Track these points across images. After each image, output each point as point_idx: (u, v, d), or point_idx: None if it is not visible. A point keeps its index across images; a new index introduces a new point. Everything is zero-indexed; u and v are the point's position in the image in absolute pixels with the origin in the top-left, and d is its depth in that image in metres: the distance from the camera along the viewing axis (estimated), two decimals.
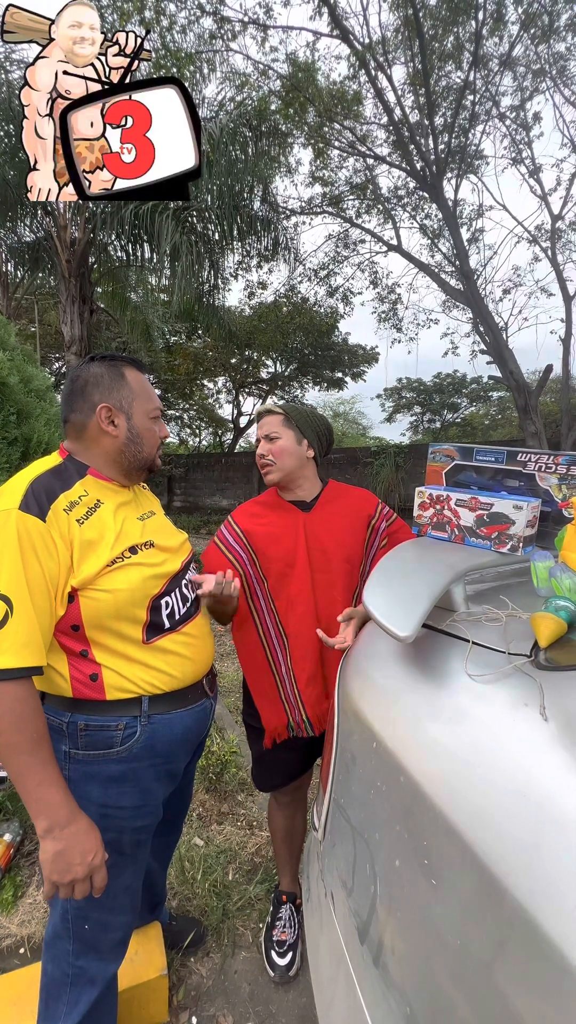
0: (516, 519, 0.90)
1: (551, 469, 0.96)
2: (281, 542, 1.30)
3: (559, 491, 0.95)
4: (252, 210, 6.43)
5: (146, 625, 0.96)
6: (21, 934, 1.49)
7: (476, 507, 0.96)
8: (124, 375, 1.03)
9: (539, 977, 0.42)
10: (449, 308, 9.74)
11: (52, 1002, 0.99)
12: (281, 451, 1.30)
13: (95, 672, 0.92)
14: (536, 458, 0.99)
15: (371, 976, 0.67)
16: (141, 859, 1.02)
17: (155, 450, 1.07)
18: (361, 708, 0.82)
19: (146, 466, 1.06)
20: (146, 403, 1.04)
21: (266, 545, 1.30)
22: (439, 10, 6.59)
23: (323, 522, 1.32)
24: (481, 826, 0.51)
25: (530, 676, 0.60)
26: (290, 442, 1.30)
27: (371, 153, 8.12)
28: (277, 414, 1.33)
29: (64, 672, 0.92)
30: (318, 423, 1.36)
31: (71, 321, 6.37)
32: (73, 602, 0.90)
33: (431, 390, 17.04)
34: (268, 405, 1.36)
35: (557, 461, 0.96)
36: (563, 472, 0.95)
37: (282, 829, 1.48)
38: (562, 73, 7.18)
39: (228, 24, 7.17)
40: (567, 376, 8.03)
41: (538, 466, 0.98)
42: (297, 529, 1.31)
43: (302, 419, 1.33)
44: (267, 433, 1.31)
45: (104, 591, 0.91)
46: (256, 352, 13.52)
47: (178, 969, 1.41)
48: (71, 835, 0.81)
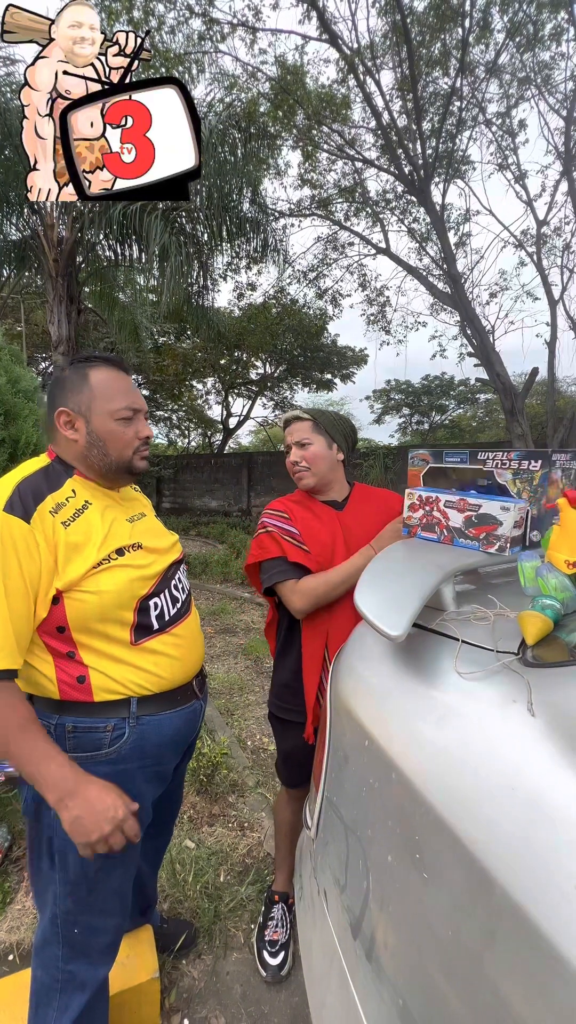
0: (503, 520, 0.92)
1: (505, 465, 1.00)
2: (319, 536, 1.30)
3: (514, 486, 0.99)
4: (241, 211, 6.42)
5: (134, 626, 0.96)
6: (9, 940, 1.47)
7: (464, 508, 0.97)
8: (88, 377, 0.99)
9: (529, 967, 0.43)
10: (437, 311, 9.85)
11: (42, 1008, 0.98)
12: (315, 457, 1.32)
13: (82, 674, 0.92)
14: (493, 456, 1.03)
15: (364, 971, 0.67)
16: (131, 862, 1.02)
17: (128, 452, 1.01)
18: (353, 707, 0.83)
19: (122, 469, 1.02)
20: (108, 404, 0.98)
21: (307, 538, 1.30)
22: (427, 16, 6.67)
23: (358, 519, 1.34)
24: (471, 820, 0.52)
25: (518, 673, 0.62)
26: (322, 447, 1.33)
27: (359, 156, 8.18)
28: (306, 420, 1.34)
29: (51, 675, 0.92)
30: (344, 425, 1.38)
31: (58, 321, 6.30)
32: (58, 604, 0.89)
33: (419, 392, 17.20)
34: (296, 412, 1.37)
35: (510, 457, 1.00)
36: (516, 467, 0.99)
37: (288, 824, 1.48)
38: (546, 81, 7.30)
39: (217, 26, 7.17)
40: (552, 379, 8.16)
41: (495, 463, 1.02)
42: (334, 524, 1.32)
43: (330, 423, 1.35)
44: (299, 440, 1.33)
45: (89, 592, 0.90)
46: (245, 353, 13.51)
47: (170, 972, 1.40)
48: (82, 801, 0.83)
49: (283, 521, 1.32)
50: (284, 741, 1.40)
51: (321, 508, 1.36)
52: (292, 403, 16.15)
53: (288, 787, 1.46)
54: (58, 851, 0.93)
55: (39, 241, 6.08)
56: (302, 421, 1.34)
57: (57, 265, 6.11)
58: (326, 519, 1.34)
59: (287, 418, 1.38)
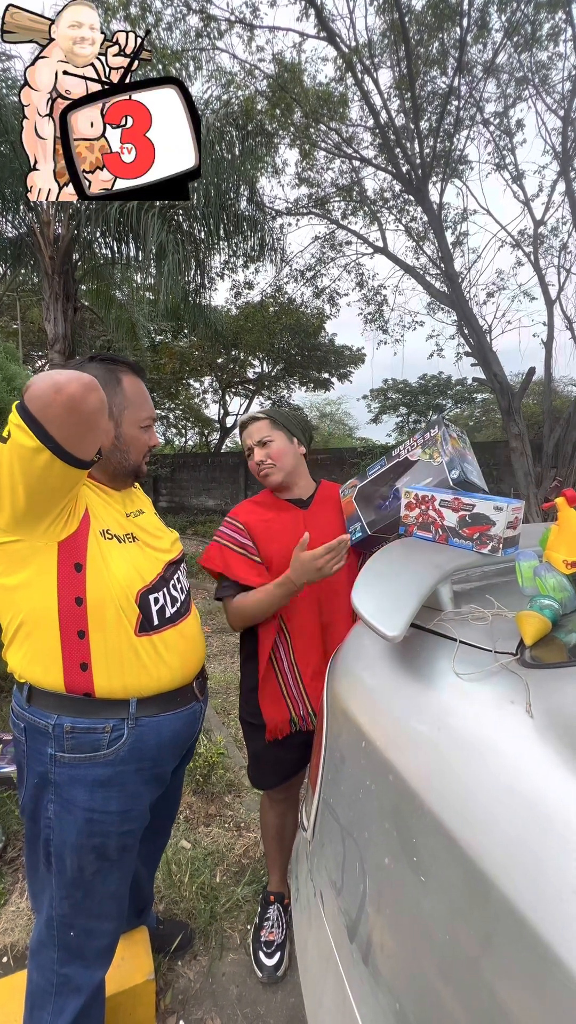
0: (496, 520, 0.92)
1: (413, 446, 1.10)
2: (281, 538, 1.31)
3: (426, 454, 1.07)
4: (238, 210, 6.41)
5: (138, 619, 0.96)
6: (4, 942, 1.46)
7: (459, 508, 0.98)
8: (121, 381, 1.02)
9: (525, 969, 0.43)
10: (434, 310, 9.83)
11: (37, 1011, 0.98)
12: (279, 452, 1.33)
13: (85, 661, 0.91)
14: (402, 446, 1.14)
15: (360, 973, 0.67)
16: (128, 864, 1.01)
17: (142, 458, 1.07)
18: (350, 708, 0.83)
19: (131, 473, 1.06)
20: (138, 412, 1.03)
21: (266, 541, 1.31)
22: (425, 15, 6.66)
23: (322, 518, 1.35)
24: (469, 822, 0.52)
25: (516, 674, 0.61)
26: (283, 442, 1.34)
27: (357, 155, 8.16)
28: (263, 419, 1.36)
29: (57, 653, 0.90)
30: (300, 419, 1.41)
31: (54, 319, 6.27)
32: (80, 572, 0.90)
33: (416, 391, 17.21)
34: (251, 413, 1.40)
35: (414, 440, 1.11)
36: (421, 443, 1.09)
37: (273, 827, 1.48)
38: (544, 81, 7.30)
39: (214, 22, 7.14)
40: (549, 379, 8.17)
41: (406, 450, 1.11)
42: (297, 525, 1.32)
43: (286, 419, 1.37)
44: (259, 439, 1.34)
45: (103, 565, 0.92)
46: (242, 352, 13.48)
47: (165, 973, 1.40)
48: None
49: (238, 532, 1.33)
50: (252, 743, 1.41)
51: (285, 507, 1.37)
52: (289, 402, 16.13)
53: (258, 789, 1.48)
54: (55, 853, 0.93)
55: (35, 238, 6.05)
56: (259, 420, 1.36)
57: (53, 262, 6.08)
58: (289, 518, 1.34)
59: (243, 420, 1.40)
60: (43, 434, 0.76)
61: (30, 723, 0.93)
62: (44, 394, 0.74)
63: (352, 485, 1.31)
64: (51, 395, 0.74)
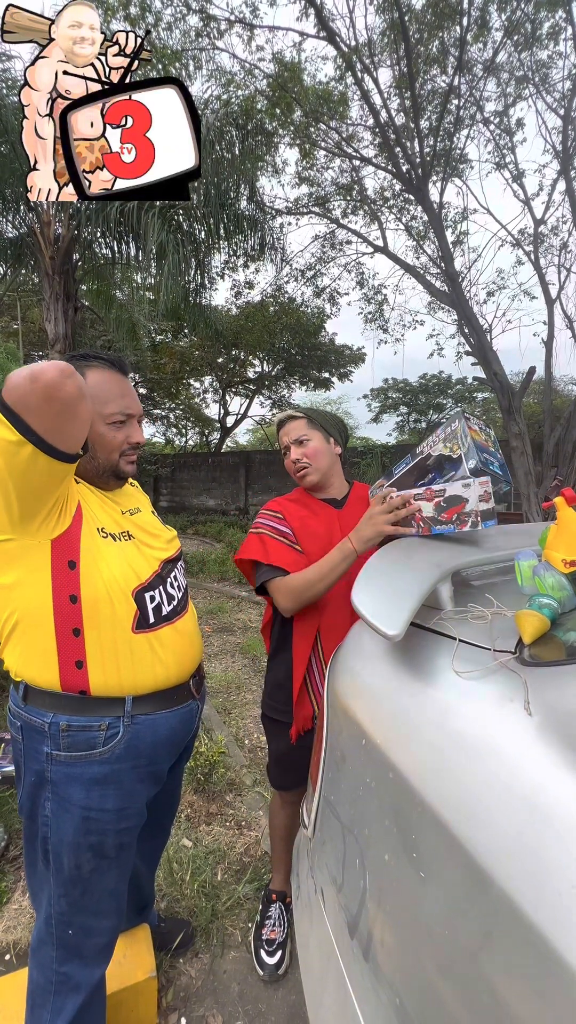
0: (468, 496, 0.94)
1: (435, 442, 1.10)
2: (317, 535, 1.29)
3: (447, 449, 1.07)
4: (238, 209, 6.40)
5: (136, 615, 0.96)
6: (6, 940, 1.47)
7: (432, 496, 1.01)
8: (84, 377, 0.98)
9: (525, 965, 0.43)
10: (434, 310, 9.83)
11: (37, 1009, 0.98)
12: (315, 452, 1.33)
13: (80, 659, 0.91)
14: (424, 443, 1.14)
15: (361, 970, 0.67)
16: (126, 862, 1.01)
17: (115, 455, 1.02)
18: (350, 706, 0.83)
19: (108, 472, 1.03)
20: (101, 407, 0.98)
21: (303, 536, 1.29)
22: (425, 14, 6.65)
23: (357, 518, 1.32)
24: (468, 819, 0.52)
25: (515, 672, 0.61)
26: (320, 442, 1.34)
27: (357, 154, 8.15)
28: (300, 418, 1.35)
29: (53, 652, 0.90)
30: (335, 420, 1.40)
31: (55, 319, 6.27)
32: (74, 569, 0.90)
33: (417, 391, 17.21)
34: (288, 412, 1.37)
35: (437, 436, 1.11)
36: (443, 438, 1.09)
37: (283, 827, 1.48)
38: (544, 80, 7.29)
39: (214, 22, 7.13)
40: (549, 378, 8.16)
41: (429, 447, 1.11)
42: (332, 524, 1.32)
43: (323, 418, 1.36)
44: (296, 438, 1.33)
45: (97, 565, 0.91)
46: (243, 351, 13.49)
47: (167, 971, 1.40)
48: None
49: (276, 521, 1.32)
50: (276, 742, 1.39)
51: (320, 506, 1.36)
52: (290, 402, 16.13)
53: (278, 789, 1.45)
54: (52, 851, 0.93)
55: (36, 238, 6.05)
56: (297, 419, 1.35)
57: (54, 262, 6.08)
58: (324, 517, 1.33)
59: (281, 419, 1.38)
60: (23, 426, 0.75)
61: (26, 721, 0.93)
62: (21, 384, 0.74)
63: (380, 485, 1.28)
64: (28, 384, 0.74)
